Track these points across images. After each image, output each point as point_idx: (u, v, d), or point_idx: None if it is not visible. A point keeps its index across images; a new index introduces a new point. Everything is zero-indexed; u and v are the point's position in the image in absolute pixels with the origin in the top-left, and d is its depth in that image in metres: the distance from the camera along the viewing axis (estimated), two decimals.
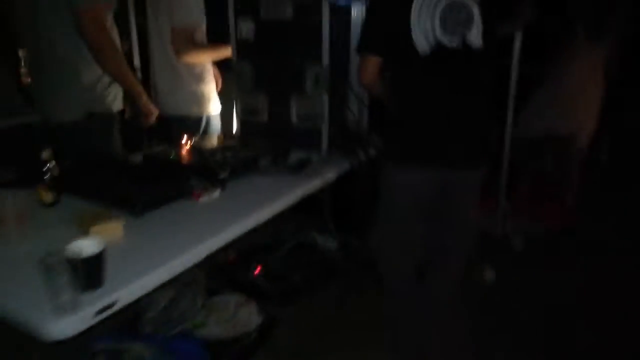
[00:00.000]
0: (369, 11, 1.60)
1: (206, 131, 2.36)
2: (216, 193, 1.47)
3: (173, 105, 2.29)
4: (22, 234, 1.10)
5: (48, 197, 1.35)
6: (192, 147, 1.72)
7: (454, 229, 1.69)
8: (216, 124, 2.41)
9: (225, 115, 2.56)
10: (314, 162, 1.79)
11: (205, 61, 2.30)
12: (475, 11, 1.47)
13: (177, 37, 2.13)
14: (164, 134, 2.15)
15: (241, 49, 1.96)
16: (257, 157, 1.68)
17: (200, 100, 2.30)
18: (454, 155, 1.55)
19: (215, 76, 2.36)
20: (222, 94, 2.51)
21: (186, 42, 2.14)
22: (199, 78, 2.28)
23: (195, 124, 2.32)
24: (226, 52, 2.25)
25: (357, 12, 2.04)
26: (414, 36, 1.45)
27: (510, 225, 2.71)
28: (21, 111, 2.54)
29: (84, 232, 1.13)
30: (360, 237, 2.20)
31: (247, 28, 1.91)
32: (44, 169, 1.33)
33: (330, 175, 1.73)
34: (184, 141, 1.74)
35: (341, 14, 1.94)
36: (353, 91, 2.05)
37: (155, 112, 1.96)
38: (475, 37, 1.47)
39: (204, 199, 1.44)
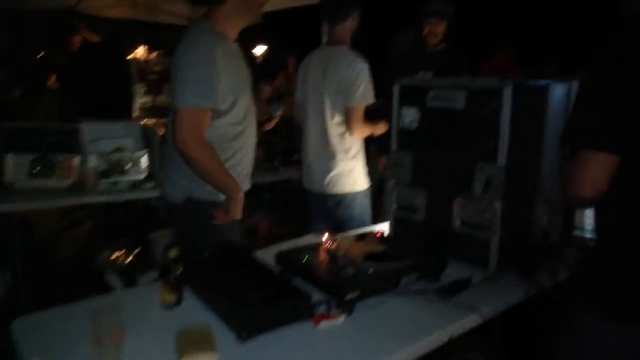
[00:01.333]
0: (600, 91, 1.11)
1: (351, 210, 2.46)
2: (340, 318, 1.22)
3: (327, 182, 2.46)
4: (116, 356, 1.02)
5: (170, 297, 1.28)
6: (330, 248, 1.52)
7: None
8: (365, 203, 2.49)
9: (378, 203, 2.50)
10: (474, 285, 1.42)
11: (365, 135, 2.46)
12: None
13: (356, 115, 2.33)
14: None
15: (402, 137, 1.73)
16: (402, 273, 1.38)
17: (351, 177, 2.44)
18: None
19: None
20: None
21: (361, 120, 2.35)
22: (354, 155, 2.44)
23: (348, 201, 2.45)
24: (384, 127, 2.44)
25: (559, 94, 1.64)
26: None
27: None
28: None
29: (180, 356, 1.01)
30: None
31: (410, 115, 1.67)
32: (170, 267, 1.28)
33: (487, 309, 1.33)
34: (324, 239, 1.56)
35: (532, 98, 1.56)
36: (543, 193, 1.62)
37: (238, 217, 1.80)
38: None
39: (325, 324, 1.20)
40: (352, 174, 2.46)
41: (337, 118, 2.39)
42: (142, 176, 2.65)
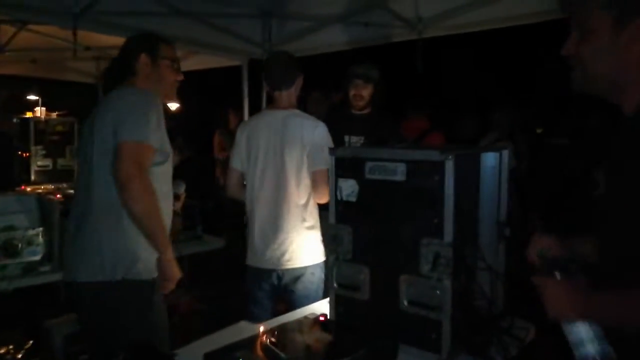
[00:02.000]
0: None
1: (310, 285, 2.35)
2: None
3: (285, 257, 2.31)
4: None
5: None
6: (268, 344, 1.32)
7: None
8: (322, 275, 2.36)
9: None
10: None
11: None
12: None
13: (325, 178, 2.20)
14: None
15: (341, 210, 1.61)
16: None
17: (312, 248, 2.34)
18: None
19: None
20: None
21: (326, 183, 2.19)
22: (313, 224, 2.34)
23: (308, 275, 2.33)
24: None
25: (491, 163, 1.65)
26: None
27: None
28: None
29: None
30: None
31: (348, 188, 1.57)
32: None
33: None
34: (261, 331, 1.36)
35: (467, 168, 1.54)
36: (485, 263, 1.57)
37: (178, 277, 1.73)
38: None
39: None
40: (312, 245, 2.34)
41: (298, 185, 2.28)
42: (38, 257, 2.28)
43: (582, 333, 1.08)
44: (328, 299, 1.70)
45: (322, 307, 1.82)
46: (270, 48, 3.95)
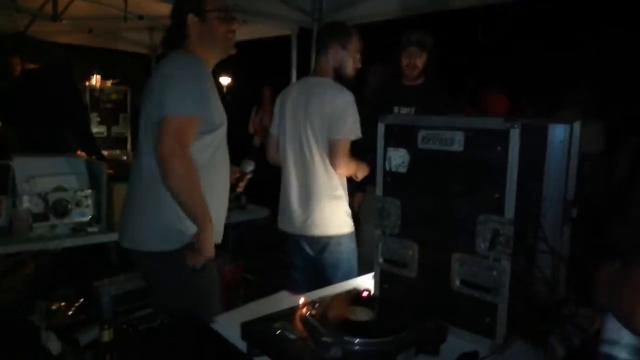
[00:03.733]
0: None
1: (337, 255, 2.29)
2: None
3: (310, 224, 2.28)
4: None
5: None
6: (308, 316, 1.25)
7: None
8: (352, 247, 2.33)
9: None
10: None
11: (351, 173, 2.30)
12: None
13: (341, 148, 2.20)
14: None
15: (389, 181, 1.51)
16: (398, 349, 1.14)
17: (337, 218, 2.28)
18: None
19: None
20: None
21: (347, 154, 2.21)
22: (339, 195, 2.29)
23: (334, 245, 2.28)
24: (366, 170, 2.34)
25: (559, 137, 1.49)
26: None
27: None
28: None
29: None
30: None
31: (398, 158, 1.46)
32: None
33: None
34: (301, 303, 1.30)
35: (533, 140, 1.39)
36: (547, 245, 1.43)
37: (208, 256, 1.67)
38: None
39: None
40: (337, 215, 2.28)
41: (322, 153, 2.24)
42: (87, 218, 2.32)
43: (623, 336, 0.95)
44: (373, 273, 1.62)
45: (365, 282, 1.74)
46: (321, 16, 3.81)
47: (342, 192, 2.30)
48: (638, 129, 3.70)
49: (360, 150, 2.33)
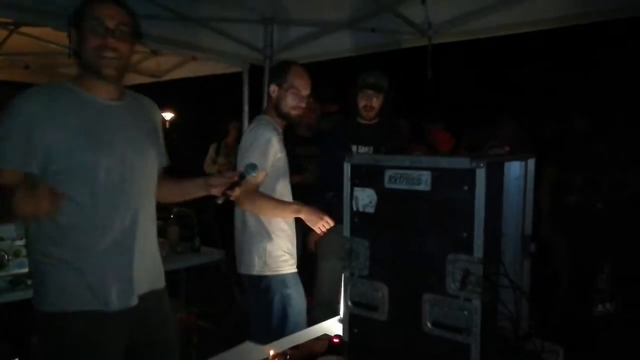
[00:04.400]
0: None
1: (286, 297, 2.18)
2: None
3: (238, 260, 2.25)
4: None
5: None
6: None
7: None
8: (285, 292, 2.19)
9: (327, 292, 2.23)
10: None
11: (267, 215, 2.19)
12: None
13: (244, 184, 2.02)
14: None
15: (356, 222, 1.49)
16: None
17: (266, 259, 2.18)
18: None
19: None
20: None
21: (249, 192, 2.06)
22: (267, 234, 2.19)
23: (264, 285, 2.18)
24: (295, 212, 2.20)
25: (516, 173, 1.54)
26: None
27: None
28: None
29: None
30: None
31: (366, 198, 1.45)
32: None
33: None
34: (271, 355, 1.23)
35: (492, 177, 1.43)
36: (509, 280, 1.45)
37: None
38: None
39: None
40: (257, 255, 2.21)
41: None
42: (26, 270, 2.13)
43: None
44: (339, 317, 1.57)
45: (334, 327, 1.69)
46: (272, 54, 3.84)
47: (258, 228, 2.21)
48: (553, 159, 3.98)
49: (320, 189, 2.31)
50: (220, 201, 1.72)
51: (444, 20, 3.10)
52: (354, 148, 2.91)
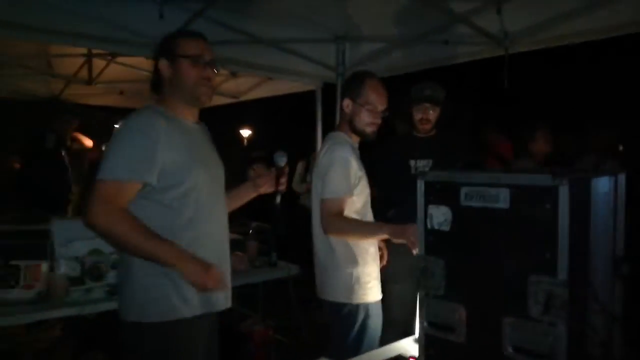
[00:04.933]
0: None
1: (364, 326, 2.08)
2: None
3: (319, 286, 2.19)
4: None
5: None
6: None
7: None
8: (367, 322, 2.11)
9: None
10: None
11: (355, 239, 2.10)
12: None
13: (325, 209, 2.04)
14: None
15: (431, 240, 1.47)
16: None
17: (354, 285, 2.09)
18: None
19: None
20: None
21: (333, 215, 2.02)
22: (354, 259, 2.10)
23: (345, 314, 2.10)
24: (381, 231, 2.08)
25: (604, 189, 1.44)
26: None
27: None
28: None
29: None
30: None
31: (441, 216, 1.43)
32: None
33: None
34: None
35: (578, 194, 1.35)
36: (600, 304, 1.36)
37: (215, 285, 1.62)
38: None
39: None
40: (343, 281, 2.09)
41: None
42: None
43: None
44: (414, 337, 1.55)
45: (406, 346, 1.67)
46: (344, 71, 3.90)
47: (345, 253, 2.10)
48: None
49: (380, 206, 2.27)
50: (278, 200, 1.85)
51: (520, 28, 2.99)
52: (412, 163, 2.85)
